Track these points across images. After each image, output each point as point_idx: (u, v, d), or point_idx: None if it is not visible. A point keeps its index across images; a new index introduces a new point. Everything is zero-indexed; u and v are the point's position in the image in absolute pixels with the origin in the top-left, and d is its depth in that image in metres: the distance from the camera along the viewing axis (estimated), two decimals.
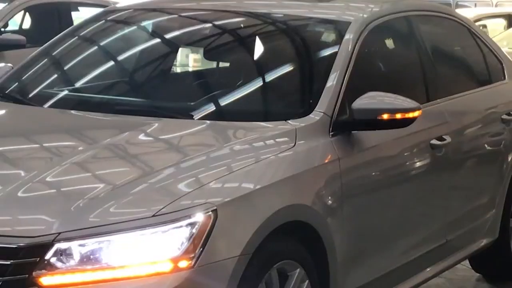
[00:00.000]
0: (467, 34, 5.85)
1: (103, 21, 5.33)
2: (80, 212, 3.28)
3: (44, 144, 4.09)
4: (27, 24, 10.87)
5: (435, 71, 5.20)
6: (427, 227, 4.88)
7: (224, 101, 4.47)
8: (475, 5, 18.99)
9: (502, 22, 15.85)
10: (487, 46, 5.95)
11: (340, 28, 4.65)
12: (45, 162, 3.74)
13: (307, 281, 3.78)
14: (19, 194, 3.40)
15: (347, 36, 4.54)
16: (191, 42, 5.27)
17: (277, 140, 3.94)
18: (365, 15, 4.78)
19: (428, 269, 4.93)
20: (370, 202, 4.28)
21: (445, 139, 4.86)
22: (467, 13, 13.70)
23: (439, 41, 5.56)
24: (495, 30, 14.67)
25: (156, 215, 3.27)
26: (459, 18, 5.95)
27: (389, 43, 5.18)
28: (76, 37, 5.24)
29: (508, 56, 6.25)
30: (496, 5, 18.85)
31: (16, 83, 4.82)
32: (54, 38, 5.24)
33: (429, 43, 5.27)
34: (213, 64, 5.28)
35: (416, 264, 4.78)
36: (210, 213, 3.33)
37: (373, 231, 4.34)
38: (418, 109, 4.20)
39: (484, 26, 14.18)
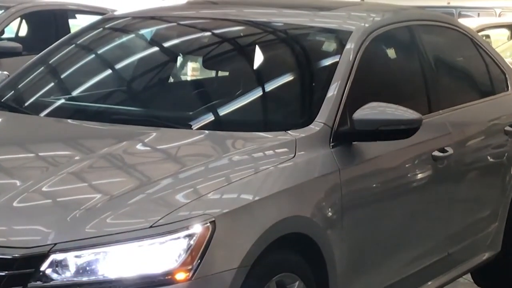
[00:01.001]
0: (469, 44, 5.86)
1: (101, 29, 5.34)
2: (77, 223, 3.29)
3: (40, 154, 4.10)
4: (23, 31, 10.88)
5: (437, 82, 5.20)
6: (428, 240, 4.88)
7: (223, 111, 4.47)
8: (478, 15, 19.03)
9: (506, 32, 15.88)
10: (490, 56, 5.95)
11: (341, 37, 4.66)
12: (41, 172, 3.74)
13: None
14: (15, 204, 3.40)
15: (348, 46, 4.54)
16: (190, 51, 5.28)
17: (276, 150, 3.94)
18: (366, 25, 4.79)
19: (429, 283, 4.93)
20: (370, 214, 4.28)
21: (447, 151, 4.86)
22: (470, 23, 13.72)
23: (441, 51, 5.56)
24: (499, 41, 14.69)
25: (154, 226, 3.27)
26: (461, 28, 5.96)
27: (391, 53, 5.19)
28: (73, 45, 5.24)
29: None
30: (499, 15, 18.88)
31: (12, 92, 4.82)
32: (51, 46, 5.25)
33: (431, 53, 5.28)
34: (212, 73, 5.30)
35: (417, 277, 4.78)
36: (208, 224, 3.33)
37: (373, 244, 4.34)
38: (420, 120, 4.21)
39: (487, 36, 14.21)
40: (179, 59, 5.22)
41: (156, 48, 5.32)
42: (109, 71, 5.19)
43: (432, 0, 22.30)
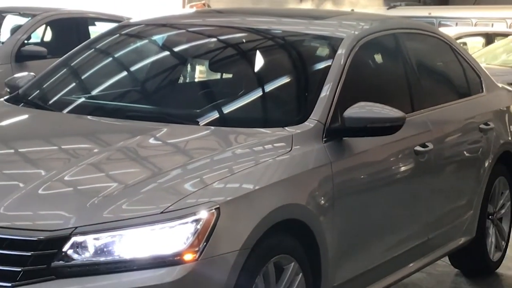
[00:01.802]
0: (448, 50, 5.86)
1: (117, 35, 5.33)
2: (95, 209, 3.29)
3: (63, 146, 4.09)
4: (48, 37, 10.86)
5: (420, 84, 5.20)
6: (410, 226, 4.88)
7: (227, 109, 4.47)
8: (456, 24, 18.98)
9: (481, 40, 15.89)
10: (467, 61, 5.96)
11: (333, 43, 4.65)
12: (63, 163, 3.74)
13: (300, 274, 3.78)
14: (40, 191, 3.41)
15: (339, 51, 4.54)
16: (197, 55, 5.27)
17: (275, 145, 3.94)
18: (356, 32, 4.78)
19: (411, 265, 4.93)
20: (359, 203, 4.28)
21: (427, 146, 4.86)
22: (449, 31, 13.71)
23: (423, 57, 5.56)
24: (474, 47, 14.68)
25: (164, 212, 3.28)
26: (441, 36, 5.96)
27: (378, 57, 5.18)
28: (93, 49, 5.24)
29: (486, 71, 6.26)
30: (475, 25, 18.86)
31: (38, 91, 4.82)
32: (73, 50, 5.25)
33: (414, 58, 5.27)
34: (217, 75, 5.28)
35: (400, 259, 4.78)
36: (214, 210, 3.34)
37: (361, 229, 4.34)
38: (404, 118, 4.22)
39: (464, 43, 14.18)
40: (188, 63, 5.20)
41: (167, 53, 5.31)
42: (124, 73, 5.18)
43: (415, 10, 22.28)
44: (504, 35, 15.60)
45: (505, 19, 18.92)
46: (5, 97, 4.93)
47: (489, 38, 15.93)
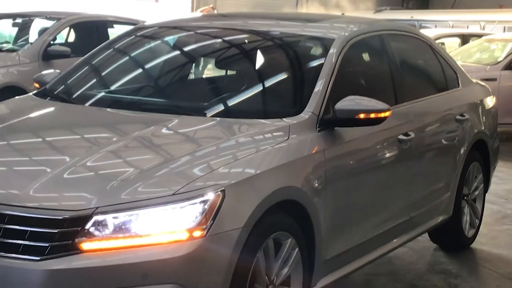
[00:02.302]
0: (428, 50, 5.85)
1: (133, 36, 5.33)
2: (114, 191, 3.30)
3: (85, 136, 4.10)
4: (71, 38, 10.85)
5: (402, 80, 5.20)
6: (394, 206, 4.89)
7: (231, 102, 4.47)
8: (435, 26, 18.95)
9: (457, 40, 15.87)
10: (444, 59, 5.95)
11: (325, 43, 4.64)
12: (85, 150, 3.74)
13: (297, 249, 3.79)
14: (65, 175, 3.42)
15: (331, 50, 4.53)
16: (205, 54, 5.26)
17: (273, 134, 3.94)
18: (346, 33, 4.77)
19: (394, 240, 4.92)
20: (348, 185, 4.28)
21: (410, 135, 4.85)
22: (428, 32, 13.68)
23: (405, 55, 5.55)
24: (451, 47, 14.66)
25: (176, 194, 3.29)
26: (422, 36, 5.96)
27: (365, 56, 5.18)
28: (111, 49, 5.24)
29: (462, 68, 6.26)
30: (452, 27, 18.83)
31: (63, 86, 4.81)
32: (94, 50, 5.24)
33: (397, 56, 5.27)
34: (223, 72, 5.28)
35: (385, 236, 4.78)
36: (219, 192, 3.34)
37: (350, 209, 4.34)
38: (388, 110, 4.21)
39: (443, 43, 14.17)
40: (196, 61, 5.20)
41: (177, 52, 5.30)
42: (140, 70, 5.18)
43: (399, 14, 22.24)
44: (478, 36, 15.58)
45: (479, 22, 18.89)
46: (34, 92, 4.93)
47: (465, 38, 15.90)
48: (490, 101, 6.36)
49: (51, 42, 10.09)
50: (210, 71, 5.33)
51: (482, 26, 18.47)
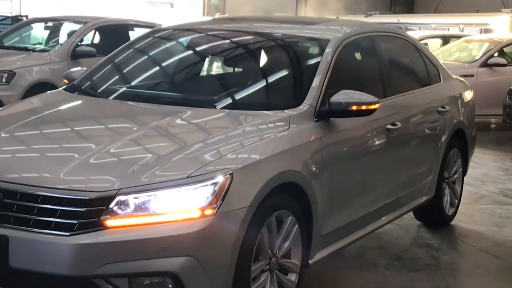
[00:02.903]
0: (413, 49, 5.84)
1: (151, 37, 5.33)
2: (135, 174, 3.30)
3: (109, 125, 4.10)
4: (96, 39, 10.85)
5: (390, 75, 5.19)
6: (383, 188, 4.88)
7: (238, 96, 4.47)
8: (420, 29, 18.90)
9: (439, 41, 15.86)
10: (428, 58, 5.94)
11: (322, 44, 4.63)
12: (109, 138, 3.75)
13: (296, 225, 3.79)
14: (91, 161, 3.43)
15: (327, 50, 4.52)
16: (214, 53, 5.25)
17: (276, 124, 3.93)
18: (340, 35, 4.76)
19: (383, 218, 4.92)
20: (342, 169, 4.27)
21: (397, 125, 4.84)
22: (413, 34, 13.67)
23: (393, 54, 5.53)
24: (434, 47, 14.63)
25: (189, 177, 3.29)
26: (408, 37, 5.94)
27: (357, 55, 5.16)
28: (132, 49, 5.24)
29: (443, 65, 6.25)
30: (434, 29, 18.80)
31: (89, 82, 4.81)
32: (116, 50, 5.24)
33: (386, 55, 5.25)
34: (230, 69, 5.27)
35: (374, 214, 4.78)
36: (228, 175, 3.35)
37: (344, 190, 4.34)
38: (377, 102, 4.21)
39: (426, 44, 14.12)
40: (207, 59, 5.19)
41: (190, 51, 5.30)
42: (157, 67, 5.17)
43: (387, 18, 22.18)
44: (457, 37, 15.56)
45: (458, 25, 18.84)
46: (63, 87, 4.93)
47: (446, 39, 15.87)
48: (468, 95, 6.35)
49: (79, 43, 10.09)
50: (219, 68, 5.33)
51: (461, 29, 18.42)
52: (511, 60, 12.92)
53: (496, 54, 12.34)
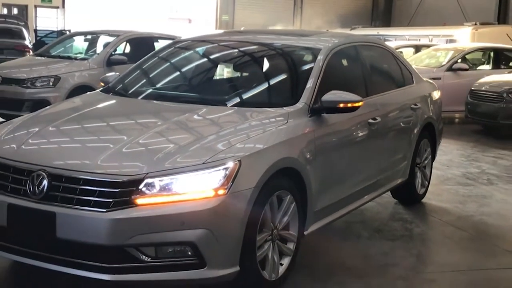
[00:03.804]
0: (391, 56, 5.82)
1: (173, 47, 5.32)
2: (159, 161, 3.30)
3: (137, 121, 4.10)
4: (127, 49, 10.83)
5: (371, 78, 5.17)
6: (365, 171, 4.87)
7: (245, 96, 4.45)
8: (395, 39, 18.85)
9: (412, 49, 15.83)
10: (403, 64, 5.92)
11: (315, 52, 4.62)
12: (138, 131, 3.74)
13: (294, 203, 3.79)
14: (123, 150, 3.43)
15: (319, 57, 4.51)
16: (225, 60, 5.23)
17: (276, 119, 3.92)
18: (329, 44, 4.75)
19: (365, 197, 4.91)
20: (332, 156, 4.26)
21: (377, 119, 4.84)
22: (391, 44, 13.62)
23: (374, 60, 5.50)
24: (407, 54, 14.59)
25: (205, 163, 3.29)
26: (386, 47, 5.92)
27: (344, 61, 5.13)
28: (157, 57, 5.22)
29: (415, 70, 6.23)
30: (408, 40, 18.74)
31: (121, 84, 4.81)
32: (143, 58, 5.24)
33: (368, 61, 5.24)
34: (239, 73, 5.25)
35: (359, 193, 4.77)
36: (237, 162, 3.35)
37: (333, 174, 4.33)
38: (361, 101, 4.20)
39: (401, 52, 14.07)
40: (219, 65, 5.18)
41: (205, 59, 5.28)
42: (177, 72, 5.16)
43: (368, 30, 22.13)
44: (427, 46, 15.52)
45: (428, 36, 18.79)
46: (100, 89, 4.94)
47: (417, 48, 15.83)
48: (436, 94, 6.34)
49: (112, 52, 10.08)
50: (229, 72, 5.32)
51: (430, 39, 18.36)
52: (472, 65, 12.93)
53: (459, 61, 12.32)
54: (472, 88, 11.06)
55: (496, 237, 5.15)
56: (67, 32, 18.84)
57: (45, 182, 3.29)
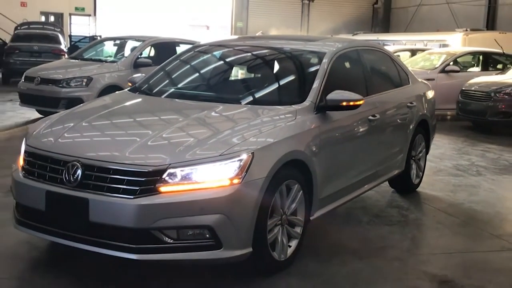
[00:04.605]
0: (389, 59, 5.79)
1: (193, 51, 5.31)
2: (181, 153, 3.31)
3: (161, 117, 4.10)
4: (152, 53, 10.86)
5: (371, 79, 5.14)
6: (366, 163, 4.85)
7: (257, 95, 4.44)
8: (393, 44, 18.72)
9: (408, 53, 15.72)
10: (400, 66, 5.89)
11: (320, 55, 4.60)
12: (161, 126, 3.74)
13: (301, 191, 3.79)
14: (149, 143, 3.44)
15: (324, 60, 4.50)
16: (240, 62, 5.23)
17: (286, 115, 3.92)
18: (333, 49, 4.73)
19: (365, 186, 4.90)
20: (335, 149, 4.25)
21: (376, 116, 4.82)
22: (389, 48, 13.53)
23: (374, 63, 5.48)
24: (404, 58, 14.50)
25: (221, 155, 3.30)
26: (385, 51, 5.89)
27: (347, 64, 5.12)
28: (178, 60, 5.22)
29: (411, 72, 6.19)
30: (405, 44, 18.61)
31: (147, 84, 4.82)
32: (166, 61, 5.24)
33: (368, 64, 5.21)
34: (252, 75, 5.25)
35: (359, 183, 4.76)
36: (250, 154, 3.35)
37: (336, 165, 4.32)
38: (362, 99, 4.19)
39: (398, 55, 14.00)
40: (234, 67, 5.18)
41: (222, 61, 5.27)
42: (197, 74, 5.16)
43: (369, 36, 21.99)
44: (422, 50, 15.42)
45: (423, 41, 18.64)
46: (128, 88, 4.95)
47: (413, 52, 15.73)
48: (430, 94, 6.30)
49: (139, 56, 10.11)
50: (243, 74, 5.32)
51: (425, 44, 18.21)
52: (463, 68, 12.84)
53: (451, 63, 12.25)
54: (463, 88, 11.02)
55: (483, 223, 5.12)
56: (98, 38, 18.89)
57: (79, 172, 3.31)
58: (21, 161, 3.70)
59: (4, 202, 4.90)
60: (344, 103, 4.10)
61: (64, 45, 16.64)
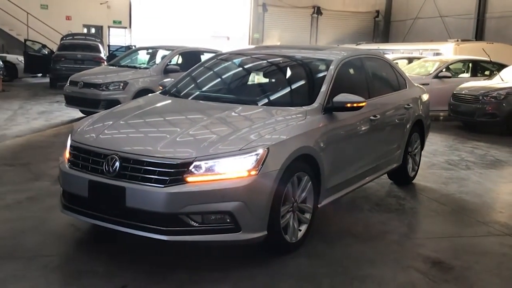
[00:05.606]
0: (388, 66, 5.75)
1: (215, 59, 5.32)
2: (205, 148, 3.32)
3: (188, 116, 4.11)
4: (180, 61, 10.89)
5: (373, 84, 5.12)
6: (367, 158, 4.83)
7: (272, 97, 4.44)
8: (392, 53, 18.55)
9: (405, 61, 15.57)
10: (398, 72, 5.85)
11: (327, 63, 4.59)
12: (188, 125, 3.76)
13: (310, 182, 3.79)
14: (177, 139, 3.46)
15: (331, 67, 4.49)
16: (257, 69, 5.23)
17: (297, 115, 3.91)
18: (339, 57, 4.71)
19: (367, 178, 4.88)
20: (340, 146, 4.24)
21: (377, 116, 4.80)
22: (388, 56, 13.42)
23: (375, 70, 5.44)
24: (402, 65, 14.37)
25: (240, 150, 3.31)
26: (385, 58, 5.85)
27: (351, 70, 5.10)
28: (203, 67, 5.24)
29: (408, 77, 6.14)
30: (402, 53, 18.43)
31: (175, 88, 4.85)
32: (192, 68, 5.26)
33: (370, 70, 5.18)
34: (267, 80, 5.24)
35: (361, 175, 4.74)
36: (266, 149, 3.36)
37: (341, 159, 4.30)
38: (364, 102, 4.17)
39: (397, 63, 13.86)
40: (252, 73, 5.18)
41: (241, 68, 5.27)
42: (219, 79, 5.17)
43: (371, 46, 21.82)
44: (418, 58, 15.26)
45: (419, 50, 18.46)
46: (159, 92, 4.98)
47: (410, 60, 15.56)
48: (425, 97, 6.24)
49: (168, 63, 10.14)
50: (259, 79, 5.32)
51: (420, 53, 18.03)
52: (454, 74, 12.71)
53: (444, 70, 12.15)
54: (454, 92, 10.95)
55: (472, 211, 5.07)
56: (133, 47, 19.00)
57: (117, 164, 3.35)
58: (67, 154, 3.75)
59: (52, 190, 4.98)
60: (349, 105, 4.08)
61: (103, 54, 16.77)
